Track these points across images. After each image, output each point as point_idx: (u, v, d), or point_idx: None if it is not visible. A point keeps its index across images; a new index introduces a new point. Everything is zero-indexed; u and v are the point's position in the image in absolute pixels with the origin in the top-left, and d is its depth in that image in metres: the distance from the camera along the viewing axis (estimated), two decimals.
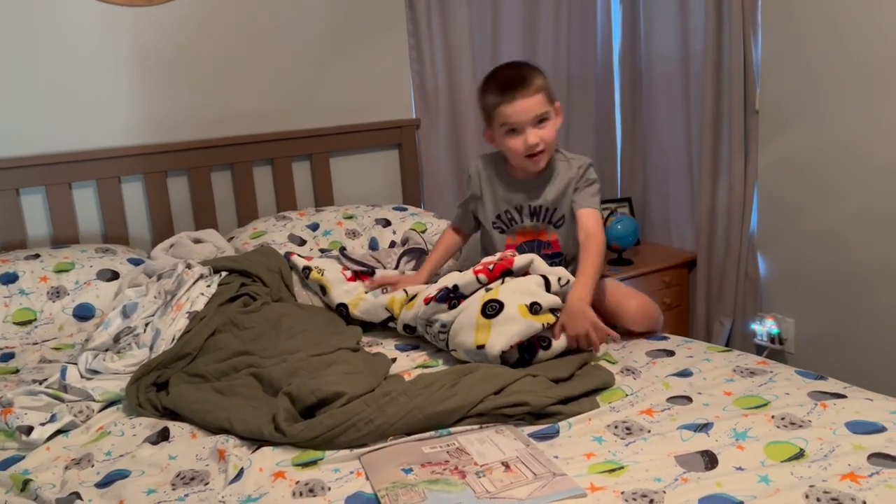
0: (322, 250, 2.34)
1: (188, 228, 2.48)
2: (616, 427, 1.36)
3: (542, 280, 1.72)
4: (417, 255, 2.21)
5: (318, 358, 1.63)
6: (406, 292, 1.86)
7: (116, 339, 1.76)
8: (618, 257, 3.09)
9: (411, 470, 1.26)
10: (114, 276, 2.07)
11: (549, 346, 1.64)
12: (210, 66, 2.50)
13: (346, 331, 1.86)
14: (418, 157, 2.92)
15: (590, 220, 1.81)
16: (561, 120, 1.87)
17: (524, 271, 1.74)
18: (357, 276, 2.02)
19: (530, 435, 1.37)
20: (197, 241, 2.28)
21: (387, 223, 2.53)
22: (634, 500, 1.13)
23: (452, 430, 1.39)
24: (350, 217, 2.54)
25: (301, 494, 1.22)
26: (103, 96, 2.34)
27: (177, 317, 1.75)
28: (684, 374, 1.56)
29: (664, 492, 1.14)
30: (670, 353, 1.68)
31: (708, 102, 2.85)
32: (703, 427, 1.32)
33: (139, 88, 2.39)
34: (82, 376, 1.60)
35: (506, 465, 1.25)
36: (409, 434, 1.38)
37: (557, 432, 1.37)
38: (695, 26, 2.95)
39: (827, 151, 2.57)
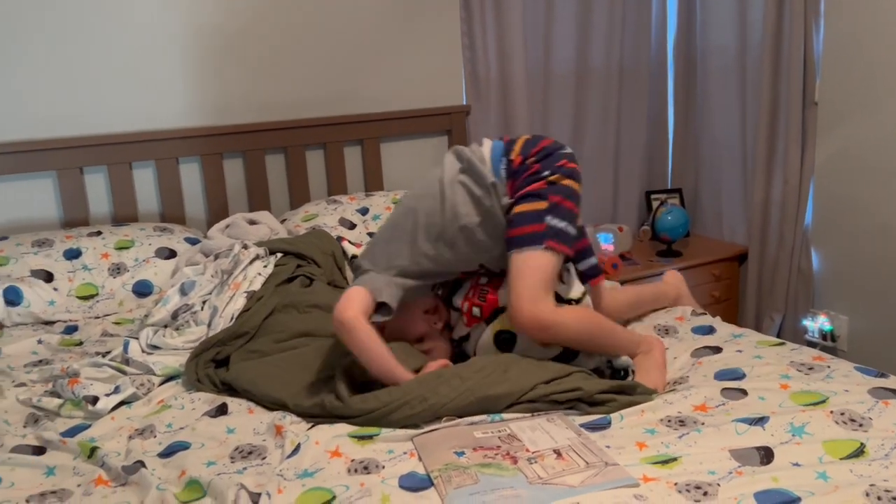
0: (370, 234, 2.36)
1: (242, 210, 2.53)
2: (669, 420, 1.35)
3: None
4: None
5: None
6: None
7: (174, 315, 1.81)
8: (667, 249, 3.06)
9: (463, 453, 1.27)
10: (171, 254, 2.12)
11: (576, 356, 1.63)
12: (267, 51, 2.53)
13: None
14: (467, 143, 2.92)
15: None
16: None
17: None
18: None
19: (581, 425, 1.37)
20: (252, 223, 2.33)
21: None
22: (688, 491, 1.12)
23: (504, 416, 1.40)
24: (399, 202, 2.55)
25: (356, 471, 1.24)
26: (163, 78, 2.39)
27: (234, 295, 1.80)
28: (735, 371, 1.53)
29: (718, 484, 1.14)
30: (717, 350, 1.66)
31: (765, 94, 2.79)
32: (759, 421, 1.31)
33: (198, 71, 2.44)
34: (143, 351, 1.65)
35: (557, 453, 1.26)
36: (460, 416, 1.40)
37: (609, 423, 1.37)
38: (753, 17, 2.90)
39: (886, 145, 2.50)
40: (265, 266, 1.91)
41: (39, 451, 1.34)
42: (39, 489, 1.22)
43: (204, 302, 1.84)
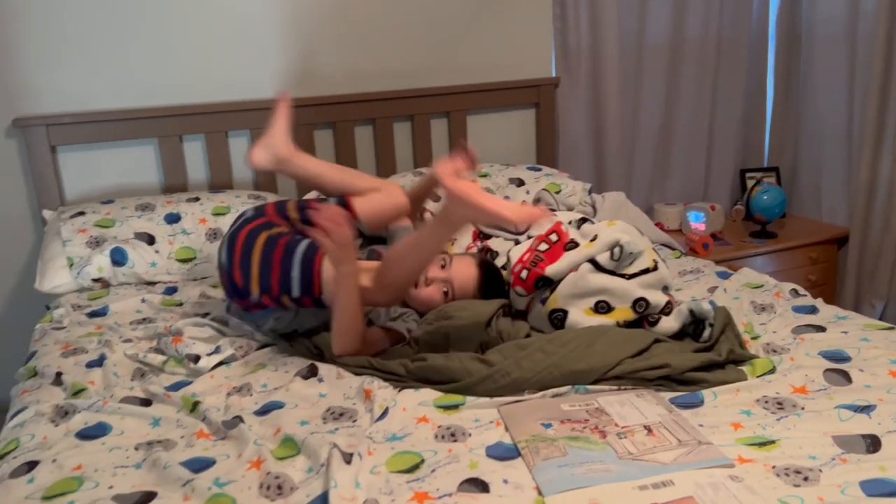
0: None
1: None
2: (766, 401, 1.31)
3: (590, 265, 1.63)
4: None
5: (446, 306, 1.66)
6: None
7: None
8: (761, 230, 2.94)
9: (551, 425, 1.27)
10: None
11: (657, 322, 1.59)
12: (358, 23, 2.55)
13: None
14: (555, 117, 2.88)
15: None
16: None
17: (566, 272, 1.65)
18: None
19: (672, 401, 1.34)
20: None
21: (520, 183, 2.51)
22: (787, 475, 1.09)
23: (590, 388, 1.39)
24: (484, 175, 2.54)
25: (443, 438, 1.26)
26: (259, 49, 2.45)
27: None
28: (839, 353, 1.47)
29: (820, 470, 1.09)
30: (820, 329, 1.58)
31: (876, 67, 2.62)
32: (865, 409, 1.25)
33: (293, 43, 2.48)
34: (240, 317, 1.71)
35: (648, 429, 1.24)
36: (543, 390, 1.40)
37: (702, 401, 1.34)
38: None
39: None
40: None
41: (146, 402, 1.41)
42: (146, 438, 1.29)
43: None
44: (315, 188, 1.91)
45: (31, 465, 1.20)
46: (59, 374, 1.50)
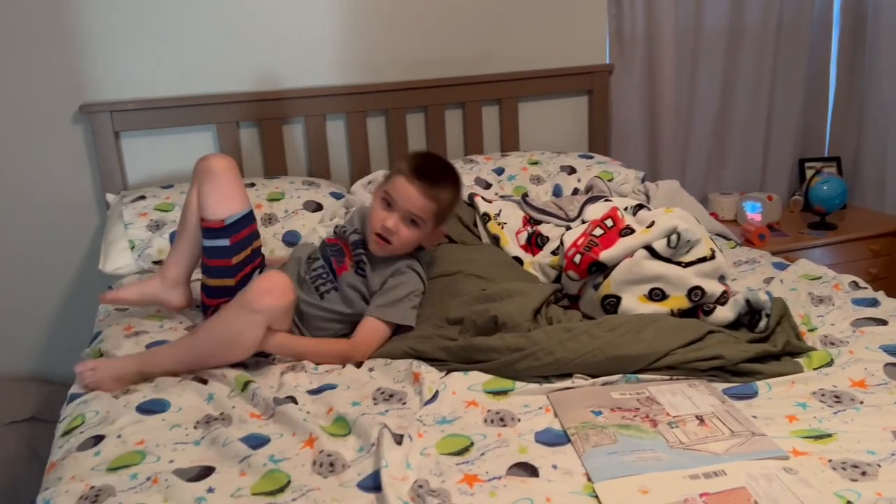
0: (503, 196, 2.36)
1: (383, 167, 2.59)
2: (823, 394, 1.28)
3: (646, 252, 1.61)
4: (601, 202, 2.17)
5: (495, 287, 1.67)
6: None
7: None
8: (820, 221, 2.86)
9: (601, 413, 1.26)
10: (318, 207, 2.22)
11: (711, 312, 1.56)
12: (409, 10, 2.56)
13: (524, 274, 1.88)
14: (609, 104, 2.84)
15: (365, 329, 1.58)
16: (433, 241, 1.76)
17: (620, 258, 1.64)
18: (530, 245, 2.01)
19: (725, 392, 1.33)
20: None
21: (572, 170, 2.50)
22: (844, 469, 1.07)
23: (640, 377, 1.38)
24: (535, 163, 2.53)
25: (492, 422, 1.27)
26: (311, 37, 2.48)
27: None
28: None
29: (879, 465, 1.07)
30: (881, 322, 1.54)
31: None
32: None
33: (347, 31, 2.51)
34: None
35: (700, 419, 1.23)
36: (589, 374, 1.39)
37: (756, 393, 1.32)
38: None
39: None
40: None
41: (203, 381, 1.46)
42: (202, 413, 1.33)
43: None
44: None
45: (97, 439, 1.25)
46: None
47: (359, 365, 1.52)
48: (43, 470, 1.57)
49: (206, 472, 1.14)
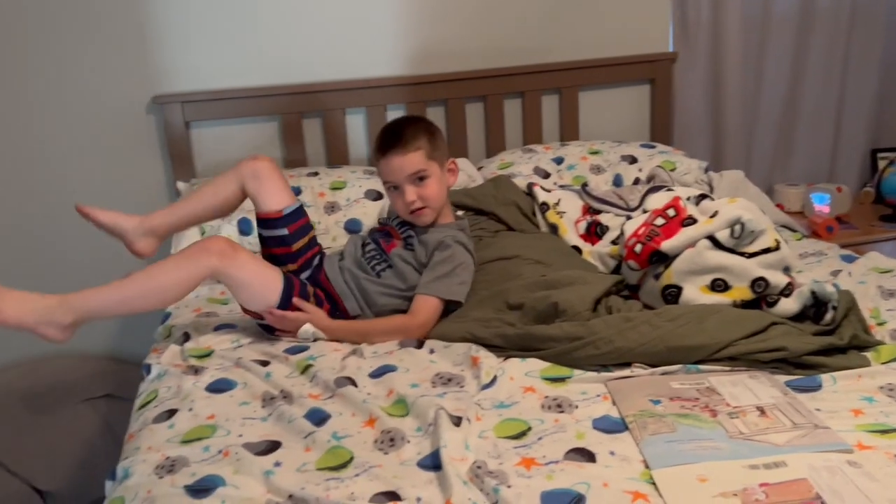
0: (562, 186, 2.35)
1: None
2: (891, 389, 1.25)
3: (708, 242, 1.59)
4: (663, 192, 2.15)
5: (556, 274, 1.67)
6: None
7: None
8: (893, 213, 2.76)
9: (660, 402, 1.26)
10: (378, 196, 2.25)
11: (775, 303, 1.53)
12: (471, 0, 2.57)
13: (583, 263, 1.88)
14: (672, 93, 2.80)
15: (418, 306, 1.63)
16: (453, 179, 1.77)
17: (682, 248, 1.61)
18: (589, 235, 2.00)
19: (788, 384, 1.31)
20: None
21: (633, 160, 2.47)
22: None
23: (701, 368, 1.37)
24: (595, 152, 2.52)
25: (550, 408, 1.28)
26: (373, 28, 2.51)
27: None
28: None
29: None
30: None
31: None
32: None
33: (408, 21, 2.53)
34: None
35: (761, 411, 1.21)
36: (649, 364, 1.39)
37: (820, 386, 1.29)
38: None
39: None
40: None
41: (264, 363, 1.51)
42: (262, 389, 1.39)
43: None
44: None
45: (171, 413, 1.32)
46: (187, 335, 1.64)
47: (419, 346, 1.55)
48: (117, 444, 1.65)
49: (273, 446, 1.19)
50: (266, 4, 2.41)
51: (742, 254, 1.57)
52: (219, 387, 1.41)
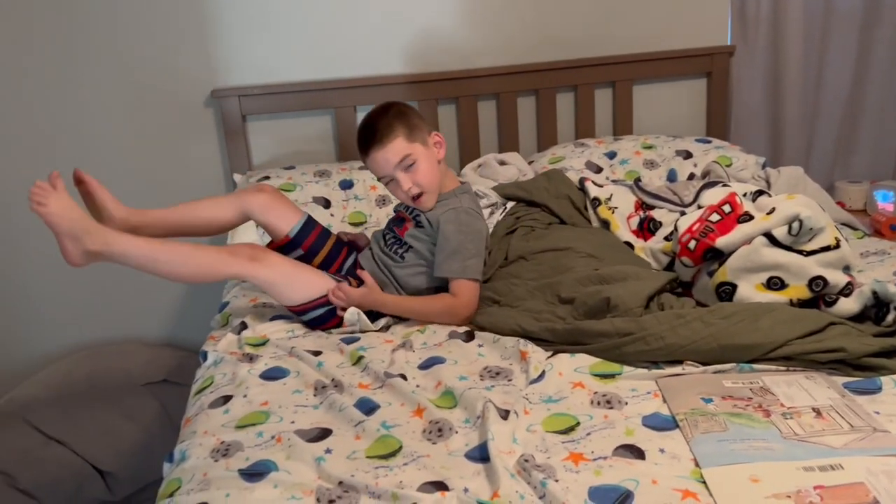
0: (614, 181, 2.33)
1: (493, 150, 2.62)
2: None
3: (765, 239, 1.54)
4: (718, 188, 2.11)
5: (609, 269, 1.66)
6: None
7: None
8: None
9: (711, 400, 1.25)
10: None
11: (834, 303, 1.48)
12: None
13: (635, 258, 1.86)
14: (729, 87, 2.74)
15: (454, 290, 1.67)
16: (442, 151, 1.76)
17: (737, 245, 1.58)
18: (641, 230, 1.98)
19: (846, 386, 1.28)
20: (502, 163, 2.41)
21: (688, 155, 2.43)
22: None
23: (755, 366, 1.35)
24: (649, 147, 2.48)
25: (599, 404, 1.27)
26: (425, 22, 2.52)
27: None
28: None
29: None
30: None
31: None
32: None
33: (456, 15, 2.54)
34: None
35: (817, 412, 1.19)
36: (701, 362, 1.37)
37: (880, 388, 1.26)
38: None
39: None
40: (491, 214, 1.97)
41: (316, 353, 1.54)
42: (314, 378, 1.41)
43: None
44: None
45: (226, 399, 1.36)
46: (244, 324, 1.67)
47: (468, 339, 1.56)
48: (173, 428, 1.70)
49: (324, 433, 1.22)
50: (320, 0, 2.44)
51: (800, 252, 1.53)
52: (272, 374, 1.44)
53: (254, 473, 1.11)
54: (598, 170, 2.41)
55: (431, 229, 1.72)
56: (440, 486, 1.07)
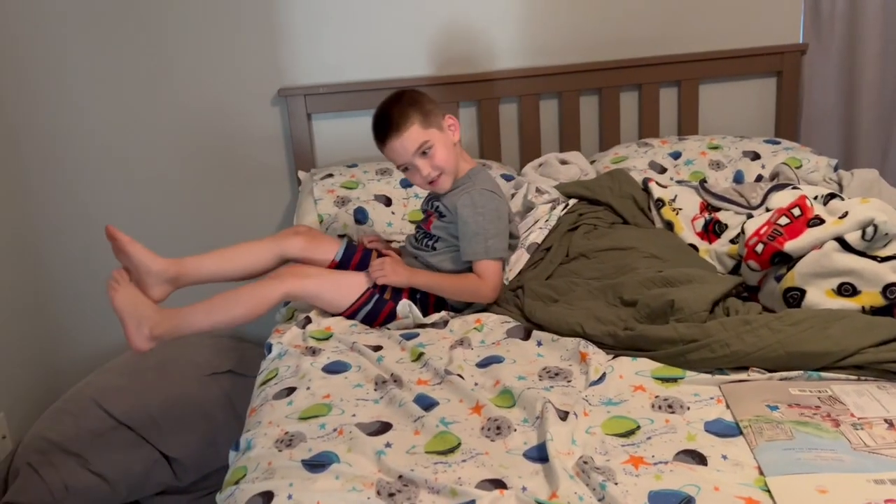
0: (679, 181, 2.29)
1: (554, 150, 2.60)
2: None
3: (836, 244, 1.49)
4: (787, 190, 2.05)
5: (673, 271, 1.63)
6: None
7: None
8: None
9: (777, 408, 1.22)
10: None
11: None
12: None
13: (700, 261, 1.83)
14: (800, 87, 2.66)
15: (479, 272, 1.72)
16: (455, 135, 1.78)
17: (807, 249, 1.53)
18: (706, 233, 1.93)
19: None
20: (563, 163, 2.40)
21: (755, 156, 2.37)
22: None
23: (824, 374, 1.31)
24: (715, 147, 2.43)
25: (660, 408, 1.26)
26: (489, 21, 2.52)
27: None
28: None
29: None
30: None
31: None
32: None
33: (520, 13, 2.53)
34: None
35: (889, 424, 1.15)
36: (766, 369, 1.34)
37: None
38: None
39: None
40: (546, 220, 1.95)
41: (377, 348, 1.57)
42: (375, 372, 1.44)
43: None
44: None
45: (290, 391, 1.39)
46: (308, 319, 1.71)
47: (526, 337, 1.56)
48: (237, 417, 1.75)
49: (384, 427, 1.24)
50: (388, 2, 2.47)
51: (874, 257, 1.48)
52: (334, 368, 1.47)
53: (317, 464, 1.14)
54: (663, 170, 2.37)
55: (452, 215, 1.76)
56: (499, 483, 1.07)
